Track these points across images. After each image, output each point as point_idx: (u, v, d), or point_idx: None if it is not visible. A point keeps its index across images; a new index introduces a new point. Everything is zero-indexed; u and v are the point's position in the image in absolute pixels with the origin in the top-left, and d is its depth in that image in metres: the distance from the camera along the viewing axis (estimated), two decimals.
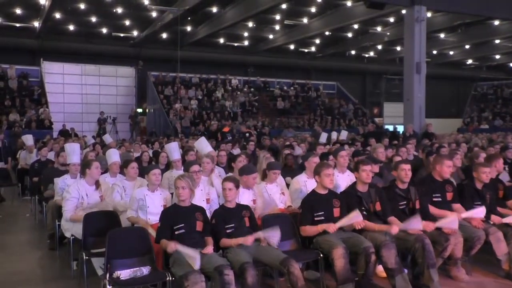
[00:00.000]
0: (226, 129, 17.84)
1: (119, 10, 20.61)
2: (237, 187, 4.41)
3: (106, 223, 4.67)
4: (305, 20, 22.84)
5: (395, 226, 4.30)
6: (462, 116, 29.40)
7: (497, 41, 26.85)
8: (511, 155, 7.53)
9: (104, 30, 23.62)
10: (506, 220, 4.81)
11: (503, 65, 33.64)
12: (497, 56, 31.06)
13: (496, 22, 23.16)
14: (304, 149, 9.20)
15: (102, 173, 5.92)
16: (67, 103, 23.43)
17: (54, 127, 18.62)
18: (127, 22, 22.63)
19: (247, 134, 15.47)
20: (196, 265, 3.61)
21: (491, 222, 4.81)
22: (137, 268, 3.92)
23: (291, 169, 6.89)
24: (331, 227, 4.27)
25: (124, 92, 25.22)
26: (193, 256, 3.64)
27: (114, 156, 6.15)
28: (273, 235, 4.09)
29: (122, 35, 24.32)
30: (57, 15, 20.74)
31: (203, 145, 7.14)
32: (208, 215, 4.42)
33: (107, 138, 12.15)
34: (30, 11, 20.25)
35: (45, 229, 6.50)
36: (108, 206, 5.19)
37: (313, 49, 28.93)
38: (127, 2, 19.78)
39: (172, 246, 3.81)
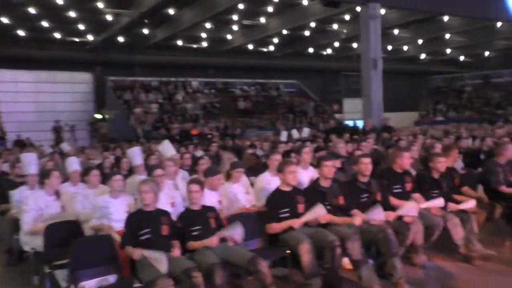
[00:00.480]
0: (194, 132, 17.77)
1: (73, 14, 20.08)
2: (202, 189, 4.41)
3: (68, 233, 4.56)
4: (262, 20, 22.98)
5: (358, 218, 4.41)
6: (418, 109, 30.34)
7: (448, 36, 27.86)
8: (464, 144, 7.84)
9: (58, 35, 22.97)
10: (462, 206, 5.01)
11: (454, 59, 34.94)
12: (448, 51, 32.22)
13: (446, 18, 24.03)
14: (267, 148, 9.25)
15: (62, 182, 5.78)
16: (20, 112, 22.63)
17: (7, 137, 17.96)
18: (82, 27, 22.09)
19: (210, 136, 15.42)
20: (163, 268, 3.58)
21: (448, 210, 5.00)
22: (103, 277, 3.86)
23: (255, 169, 6.92)
24: (296, 223, 4.34)
25: (82, 99, 24.63)
26: (159, 260, 3.61)
27: (74, 164, 6.00)
28: (236, 232, 4.12)
29: (77, 40, 23.73)
30: (5, 20, 19.98)
31: (166, 148, 7.08)
32: (174, 218, 4.39)
33: (65, 147, 11.84)
34: None
35: (2, 244, 6.25)
36: (69, 216, 5.05)
37: (272, 48, 29.15)
38: (81, 6, 19.30)
39: (138, 253, 3.76)
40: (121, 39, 23.59)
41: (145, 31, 23.14)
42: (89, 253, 4.00)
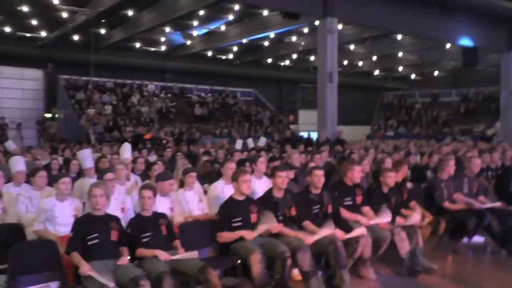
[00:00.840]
0: (147, 136, 17.39)
1: (25, 8, 19.31)
2: (155, 195, 4.34)
3: (8, 237, 4.34)
4: (222, 28, 23.00)
5: (308, 238, 4.41)
6: (370, 123, 31.25)
7: (400, 54, 28.95)
8: (413, 160, 8.11)
9: (7, 29, 22.00)
10: (408, 222, 5.16)
11: (406, 76, 36.33)
12: (400, 68, 33.47)
13: (399, 37, 24.97)
14: (222, 156, 9.21)
15: (4, 183, 5.51)
16: None
17: None
18: (34, 22, 21.28)
19: (164, 141, 15.18)
20: (110, 284, 3.47)
21: (396, 224, 5.14)
22: (45, 284, 3.68)
23: (209, 176, 6.87)
24: (249, 235, 4.33)
25: (31, 96, 23.66)
26: (105, 278, 3.48)
27: (18, 164, 5.72)
28: (191, 257, 4.06)
29: (28, 35, 22.82)
30: None
31: (125, 151, 6.91)
32: (123, 224, 4.28)
33: (10, 145, 11.30)
34: None
35: None
36: (11, 219, 4.82)
37: (230, 56, 29.21)
38: (34, 1, 18.60)
39: (85, 269, 3.60)
40: (76, 37, 22.91)
41: (102, 31, 22.60)
42: (30, 258, 3.83)
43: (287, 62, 31.59)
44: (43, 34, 22.84)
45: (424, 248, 5.21)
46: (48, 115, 23.18)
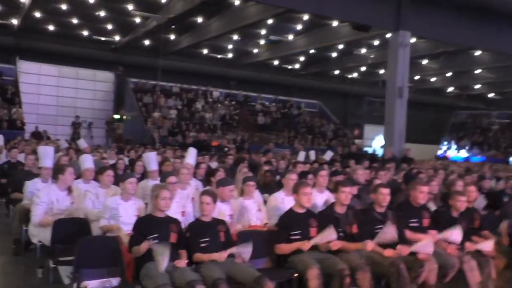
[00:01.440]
0: (214, 143, 17.89)
1: (102, 13, 20.50)
2: (215, 201, 4.43)
3: (76, 230, 4.62)
4: (290, 37, 23.13)
5: (369, 243, 4.35)
6: (440, 143, 30.04)
7: (478, 71, 27.67)
8: (487, 185, 7.71)
9: (85, 33, 23.44)
10: (479, 246, 4.90)
11: (482, 95, 34.65)
12: (477, 86, 31.97)
13: (477, 53, 23.89)
14: (283, 167, 9.24)
15: (75, 179, 5.86)
16: (41, 105, 23.07)
17: (26, 128, 18.29)
18: (109, 26, 22.53)
19: (226, 149, 15.51)
20: (163, 266, 3.62)
21: (466, 250, 4.91)
22: (106, 279, 3.87)
23: (269, 186, 6.91)
24: (306, 244, 4.32)
25: (102, 97, 24.97)
26: (162, 253, 3.64)
27: (88, 162, 6.07)
28: (245, 251, 4.12)
29: (103, 39, 24.17)
30: (37, 14, 20.50)
31: (190, 155, 7.12)
32: (183, 227, 4.40)
33: (82, 143, 11.98)
34: (9, 8, 19.97)
35: (11, 233, 6.33)
36: (79, 213, 5.12)
37: (296, 66, 29.27)
38: (111, 6, 19.71)
39: (145, 244, 3.81)
40: (146, 42, 23.96)
41: (171, 36, 23.48)
42: (94, 253, 4.06)
43: (354, 75, 31.17)
44: (117, 38, 24.10)
45: (496, 280, 4.92)
46: (116, 116, 24.31)
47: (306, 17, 19.71)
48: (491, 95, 34.52)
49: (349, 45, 23.34)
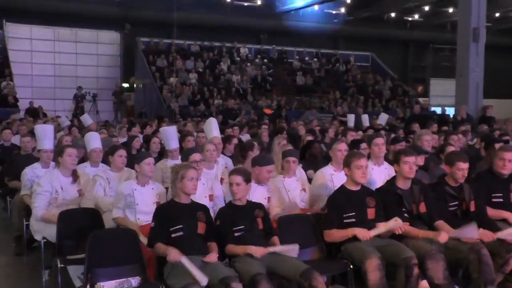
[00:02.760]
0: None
1: None
2: (247, 181, 4.45)
3: (86, 223, 4.75)
4: None
5: (444, 233, 4.31)
6: None
7: None
8: None
9: None
10: None
11: None
12: None
13: None
14: (332, 136, 9.19)
15: (80, 162, 5.99)
16: (36, 76, 23.50)
17: (19, 104, 18.73)
18: None
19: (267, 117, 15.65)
20: (202, 278, 3.66)
21: None
22: (125, 279, 3.98)
23: (314, 160, 6.89)
24: (364, 234, 4.30)
25: (107, 63, 25.24)
26: (199, 278, 3.67)
27: (94, 141, 6.18)
28: (291, 251, 4.16)
29: None
30: None
31: (209, 128, 7.17)
32: (212, 215, 4.46)
33: (86, 119, 12.22)
34: None
35: (10, 230, 6.57)
36: (88, 203, 5.24)
37: (342, 10, 28.71)
38: None
39: (176, 255, 3.82)
40: None
41: None
42: (109, 249, 4.16)
43: (415, 17, 30.35)
44: None
45: None
46: (126, 85, 24.59)
47: None
48: None
49: None
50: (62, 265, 4.43)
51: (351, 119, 12.34)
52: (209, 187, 5.23)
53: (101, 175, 5.48)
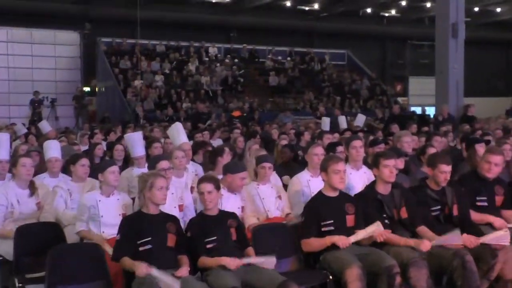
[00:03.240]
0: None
1: None
2: (218, 188, 4.45)
3: (46, 238, 4.68)
4: None
5: (426, 242, 4.37)
6: None
7: None
8: None
9: None
10: None
11: None
12: None
13: None
14: (307, 139, 9.23)
15: (37, 173, 5.91)
16: None
17: None
18: None
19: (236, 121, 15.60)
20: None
21: None
22: None
23: (289, 166, 6.92)
24: (343, 241, 4.33)
25: (66, 65, 24.90)
26: (171, 286, 3.66)
27: (53, 150, 6.11)
28: (267, 264, 4.16)
29: None
30: None
31: (176, 133, 7.14)
32: (182, 226, 4.44)
33: (45, 126, 12.05)
34: None
35: None
36: (48, 216, 5.17)
37: (316, 6, 28.88)
38: None
39: (143, 268, 3.80)
40: None
41: None
42: (72, 265, 4.12)
43: (392, 12, 30.70)
44: None
45: None
46: (87, 89, 24.34)
47: None
48: None
49: None
50: (21, 285, 4.35)
51: (326, 122, 12.38)
52: (179, 196, 5.20)
53: (61, 186, 5.41)
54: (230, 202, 4.96)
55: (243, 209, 5.10)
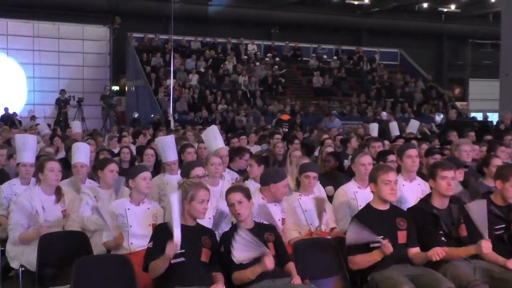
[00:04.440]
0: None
1: None
2: (248, 197, 4.44)
3: (71, 248, 4.74)
4: None
5: (486, 242, 4.23)
6: None
7: None
8: None
9: None
10: None
11: None
12: None
13: None
14: (354, 147, 9.18)
15: (64, 178, 6.00)
16: None
17: None
18: None
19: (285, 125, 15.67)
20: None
21: None
22: None
23: (334, 175, 6.89)
24: (388, 247, 4.25)
25: (94, 62, 25.29)
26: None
27: (82, 153, 6.18)
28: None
29: None
30: None
31: (212, 138, 7.17)
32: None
33: (77, 126, 12.20)
34: None
35: None
36: (74, 225, 5.24)
37: (366, 0, 28.74)
38: None
39: (173, 247, 3.85)
40: None
41: None
42: (98, 277, 4.18)
43: (452, 7, 30.34)
44: None
45: None
46: (116, 88, 24.66)
47: None
48: None
49: None
50: None
51: (374, 128, 12.25)
52: (214, 206, 5.21)
53: (87, 192, 5.47)
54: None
55: (283, 221, 5.09)
